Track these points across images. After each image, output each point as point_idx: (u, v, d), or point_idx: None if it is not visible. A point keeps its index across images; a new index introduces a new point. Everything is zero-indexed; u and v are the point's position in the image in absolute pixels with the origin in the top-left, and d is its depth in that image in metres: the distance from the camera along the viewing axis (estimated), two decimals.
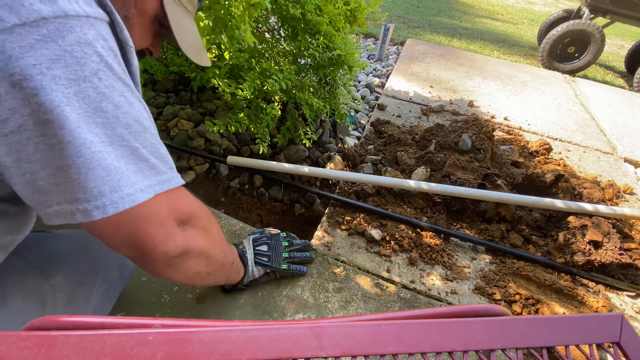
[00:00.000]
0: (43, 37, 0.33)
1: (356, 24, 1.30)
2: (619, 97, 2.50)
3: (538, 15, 5.25)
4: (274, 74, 1.07)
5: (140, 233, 0.45)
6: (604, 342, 0.34)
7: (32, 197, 0.39)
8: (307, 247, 0.94)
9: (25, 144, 0.35)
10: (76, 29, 0.35)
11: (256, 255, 0.82)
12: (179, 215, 0.50)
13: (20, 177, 0.37)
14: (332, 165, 1.39)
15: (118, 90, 0.39)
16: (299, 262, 0.92)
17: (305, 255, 0.92)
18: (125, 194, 0.40)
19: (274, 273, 0.85)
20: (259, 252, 0.83)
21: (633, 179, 1.58)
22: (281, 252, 0.87)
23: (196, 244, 0.53)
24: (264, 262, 0.82)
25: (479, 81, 2.35)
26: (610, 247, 1.06)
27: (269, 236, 0.88)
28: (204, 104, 1.52)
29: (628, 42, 4.65)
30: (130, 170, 0.41)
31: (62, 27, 0.34)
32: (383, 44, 2.54)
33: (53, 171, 0.37)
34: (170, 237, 0.48)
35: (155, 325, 0.30)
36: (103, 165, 0.38)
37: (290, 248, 0.90)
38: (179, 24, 0.55)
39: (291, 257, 0.89)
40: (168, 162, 0.48)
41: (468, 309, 0.37)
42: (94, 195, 0.38)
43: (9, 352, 0.25)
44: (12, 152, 0.35)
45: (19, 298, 0.51)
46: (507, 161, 1.42)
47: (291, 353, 0.30)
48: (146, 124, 0.44)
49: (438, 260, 1.04)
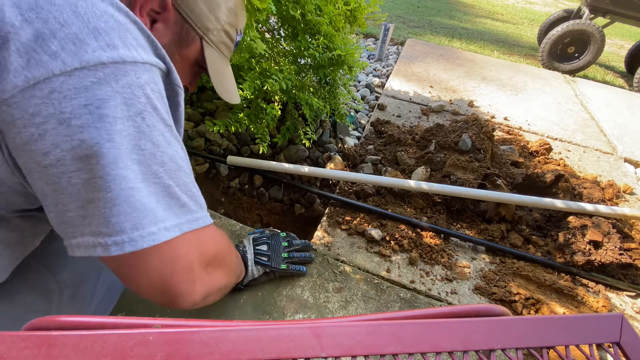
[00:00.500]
0: (98, 80, 0.35)
1: (356, 24, 1.30)
2: (619, 97, 2.50)
3: (538, 15, 5.25)
4: (274, 74, 1.07)
5: (165, 278, 0.43)
6: (604, 342, 0.34)
7: (60, 227, 0.39)
8: (306, 247, 0.95)
9: (60, 177, 0.36)
10: (130, 73, 0.37)
11: (256, 254, 0.83)
12: (206, 258, 0.49)
13: (53, 206, 0.38)
14: (332, 165, 1.39)
15: (159, 130, 0.40)
16: (299, 262, 0.92)
17: (304, 256, 0.92)
18: (147, 233, 0.39)
19: (273, 273, 0.86)
20: (259, 252, 0.83)
21: (633, 179, 1.58)
22: (281, 252, 0.87)
23: (219, 284, 0.54)
24: (264, 261, 0.83)
25: (479, 81, 2.35)
26: (610, 247, 1.06)
27: (269, 235, 0.88)
28: (204, 104, 1.52)
29: (628, 42, 4.65)
30: (160, 208, 0.41)
31: (117, 72, 0.36)
32: (383, 44, 2.54)
33: (82, 204, 0.37)
34: (198, 284, 0.47)
35: (155, 325, 0.30)
36: (130, 202, 0.38)
37: (290, 248, 0.90)
38: (216, 68, 0.59)
39: (290, 257, 0.89)
40: (199, 201, 0.47)
41: (468, 309, 0.37)
42: (115, 230, 0.38)
43: (9, 352, 0.25)
44: (50, 183, 0.37)
45: (26, 294, 0.52)
46: (507, 161, 1.42)
47: (291, 353, 0.30)
48: (181, 163, 0.44)
49: (438, 260, 1.04)
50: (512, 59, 3.07)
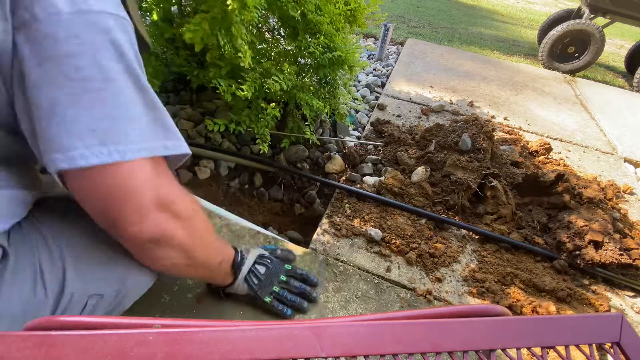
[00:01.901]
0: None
1: (356, 24, 1.30)
2: (619, 97, 2.50)
3: (538, 15, 5.24)
4: (275, 74, 1.07)
5: (115, 203, 0.45)
6: (604, 342, 0.34)
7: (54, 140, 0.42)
8: (308, 279, 0.86)
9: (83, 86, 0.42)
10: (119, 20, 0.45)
11: (250, 272, 0.76)
12: (165, 201, 0.50)
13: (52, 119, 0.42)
14: (332, 165, 1.39)
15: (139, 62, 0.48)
16: (296, 293, 0.82)
17: (301, 287, 0.82)
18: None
19: (255, 300, 0.78)
20: (254, 272, 0.76)
21: (633, 179, 1.58)
22: (274, 282, 0.79)
23: (174, 234, 0.52)
24: (253, 284, 0.76)
25: (479, 81, 2.35)
26: (610, 247, 1.06)
27: (274, 260, 0.81)
28: (204, 103, 1.52)
29: (628, 42, 4.65)
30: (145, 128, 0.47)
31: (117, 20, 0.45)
32: (383, 43, 2.54)
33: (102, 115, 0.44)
34: (145, 217, 0.48)
35: (155, 325, 0.30)
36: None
37: (290, 273, 0.83)
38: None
39: (280, 295, 0.79)
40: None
41: (468, 309, 0.37)
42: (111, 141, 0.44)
43: (9, 352, 0.25)
44: (71, 95, 0.41)
45: (29, 267, 0.51)
46: (507, 161, 1.43)
47: (291, 353, 0.30)
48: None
49: (438, 260, 1.04)
50: (512, 59, 3.07)
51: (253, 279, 0.76)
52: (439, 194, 1.24)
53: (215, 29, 0.87)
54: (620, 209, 1.33)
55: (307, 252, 0.99)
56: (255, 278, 0.76)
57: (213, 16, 0.86)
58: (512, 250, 1.12)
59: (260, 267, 0.78)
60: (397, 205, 1.17)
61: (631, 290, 1.05)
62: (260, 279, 0.77)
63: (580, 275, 1.07)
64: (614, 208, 1.31)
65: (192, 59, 1.24)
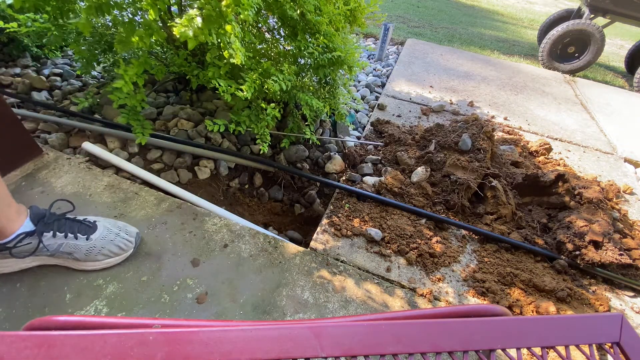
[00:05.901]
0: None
1: (356, 24, 1.30)
2: (619, 97, 2.50)
3: (538, 15, 5.25)
4: (274, 74, 1.07)
5: None
6: (604, 342, 0.34)
7: None
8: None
9: None
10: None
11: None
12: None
13: None
14: (332, 165, 1.39)
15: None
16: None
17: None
18: None
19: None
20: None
21: (633, 179, 1.58)
22: None
23: None
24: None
25: (479, 81, 2.35)
26: (610, 247, 1.06)
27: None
28: (204, 104, 1.52)
29: (628, 42, 4.65)
30: None
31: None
32: (383, 43, 2.54)
33: None
34: None
35: (155, 325, 0.30)
36: None
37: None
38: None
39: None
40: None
41: (468, 309, 0.37)
42: None
43: (9, 352, 0.25)
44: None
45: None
46: (507, 161, 1.43)
47: (291, 353, 0.29)
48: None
49: (438, 260, 1.04)
50: (512, 59, 3.07)
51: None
52: (439, 194, 1.24)
53: (210, 26, 0.87)
54: (620, 209, 1.33)
55: (307, 252, 0.99)
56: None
57: (208, 13, 0.85)
58: (512, 250, 1.12)
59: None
60: (397, 205, 1.17)
61: (631, 290, 1.05)
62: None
63: (580, 275, 1.07)
64: (614, 208, 1.31)
65: (192, 59, 1.24)
